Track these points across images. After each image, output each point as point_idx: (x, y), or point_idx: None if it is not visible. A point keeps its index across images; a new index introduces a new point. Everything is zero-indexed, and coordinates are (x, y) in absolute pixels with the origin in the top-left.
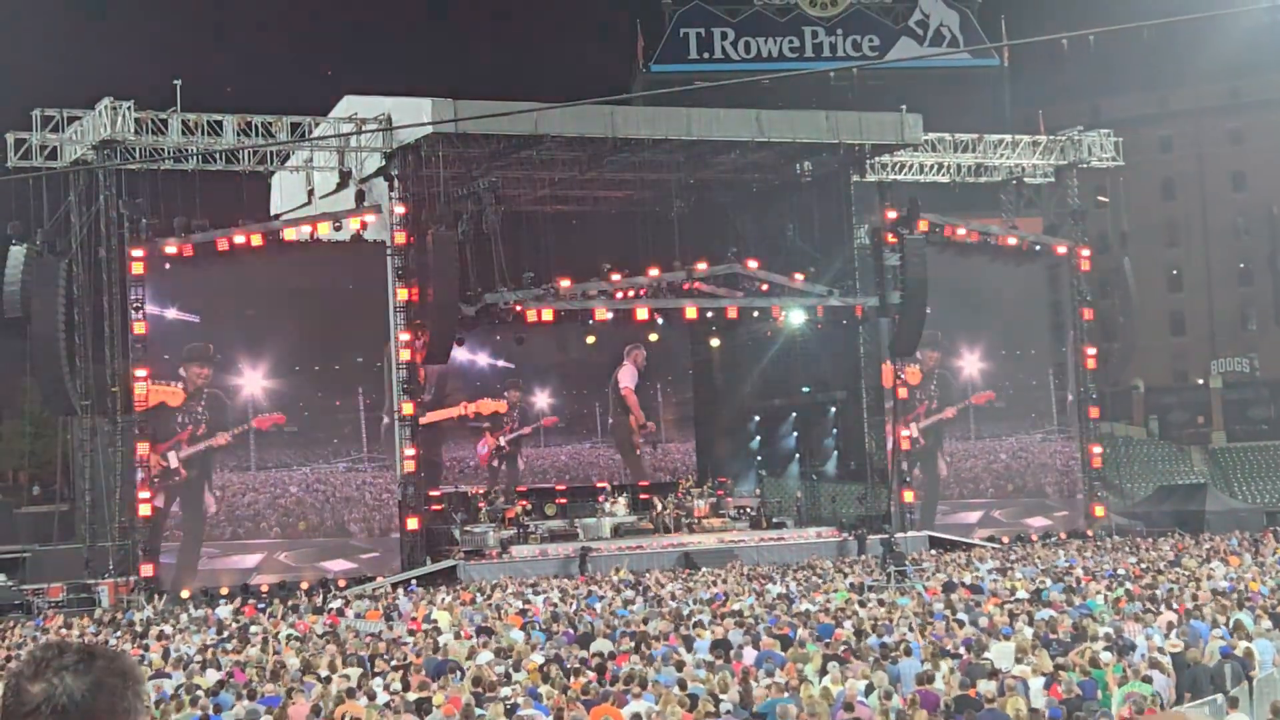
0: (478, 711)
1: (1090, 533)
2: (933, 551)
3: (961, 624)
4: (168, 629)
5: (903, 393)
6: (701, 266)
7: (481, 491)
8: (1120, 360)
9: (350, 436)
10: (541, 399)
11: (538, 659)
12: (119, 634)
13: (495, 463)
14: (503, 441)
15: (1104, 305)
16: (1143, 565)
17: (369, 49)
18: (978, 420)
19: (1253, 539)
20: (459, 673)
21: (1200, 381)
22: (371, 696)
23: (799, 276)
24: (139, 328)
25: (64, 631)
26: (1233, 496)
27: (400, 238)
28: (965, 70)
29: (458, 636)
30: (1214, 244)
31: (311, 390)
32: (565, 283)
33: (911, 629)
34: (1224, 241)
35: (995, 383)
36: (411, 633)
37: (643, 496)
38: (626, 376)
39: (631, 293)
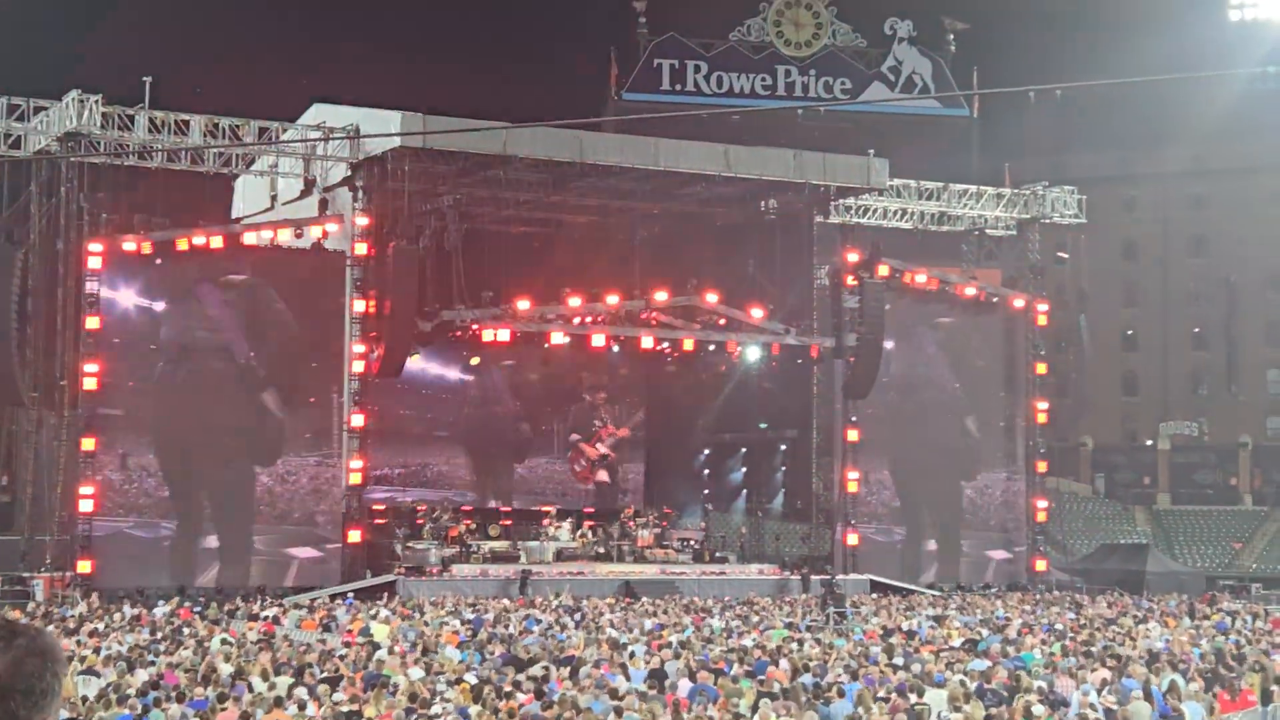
0: None
1: (1030, 586)
2: (873, 595)
3: (896, 669)
4: (100, 626)
5: (853, 435)
6: (661, 296)
7: (424, 508)
8: (1071, 416)
9: (323, 433)
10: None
11: (471, 679)
12: (51, 629)
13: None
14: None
15: (1058, 360)
16: (1081, 621)
17: (342, 60)
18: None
19: (1191, 602)
20: (392, 687)
21: (1149, 442)
22: (301, 706)
23: (757, 313)
24: (92, 322)
25: None
26: (1174, 559)
27: (361, 249)
28: (934, 119)
29: (393, 651)
30: (1171, 307)
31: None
32: (524, 304)
33: (846, 671)
34: (1181, 305)
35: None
36: (347, 645)
37: (588, 523)
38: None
39: (590, 318)
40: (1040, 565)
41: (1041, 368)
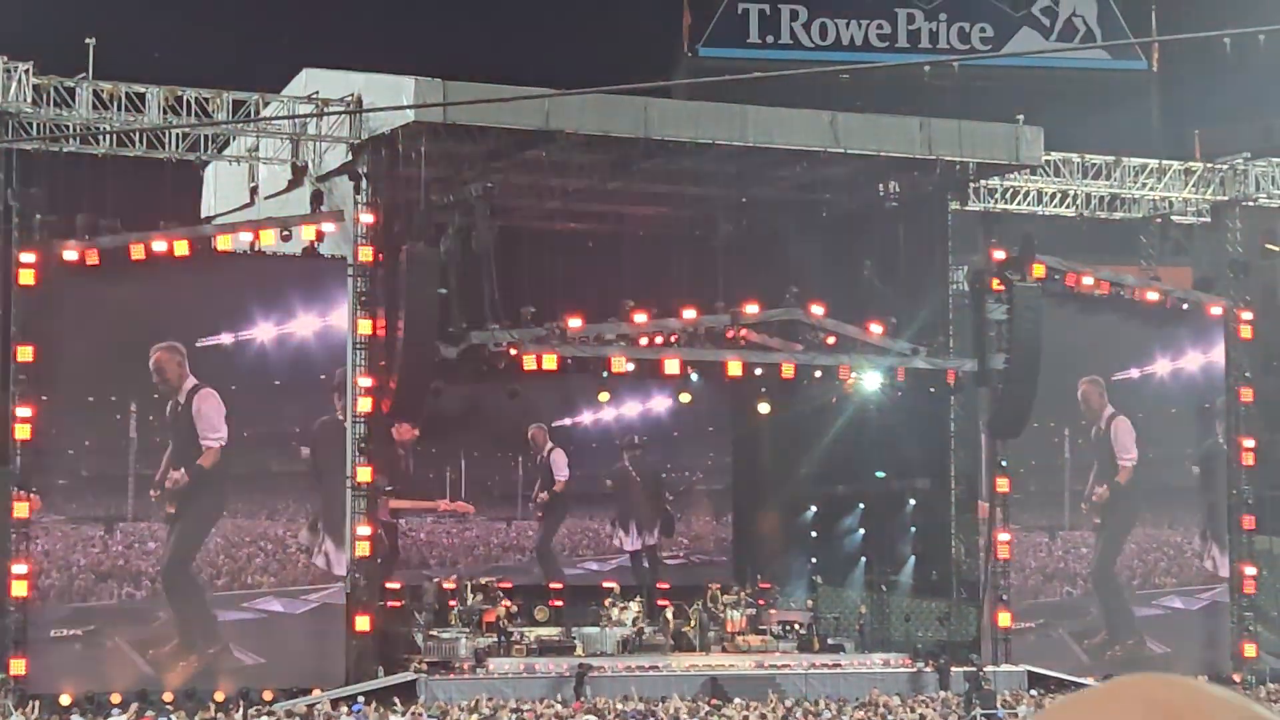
0: None
1: (1238, 677)
2: (1032, 692)
3: None
4: None
5: (1003, 484)
6: (751, 310)
7: (453, 586)
8: None
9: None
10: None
11: None
12: None
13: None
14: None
15: (1269, 384)
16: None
17: (339, 13)
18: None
19: None
20: None
21: None
22: None
23: (876, 329)
24: (24, 353)
25: None
26: None
27: (366, 254)
28: (1102, 74)
29: None
30: None
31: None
32: (575, 322)
33: None
34: None
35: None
36: None
37: (660, 602)
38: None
39: (660, 339)
40: (1249, 650)
41: (1248, 393)
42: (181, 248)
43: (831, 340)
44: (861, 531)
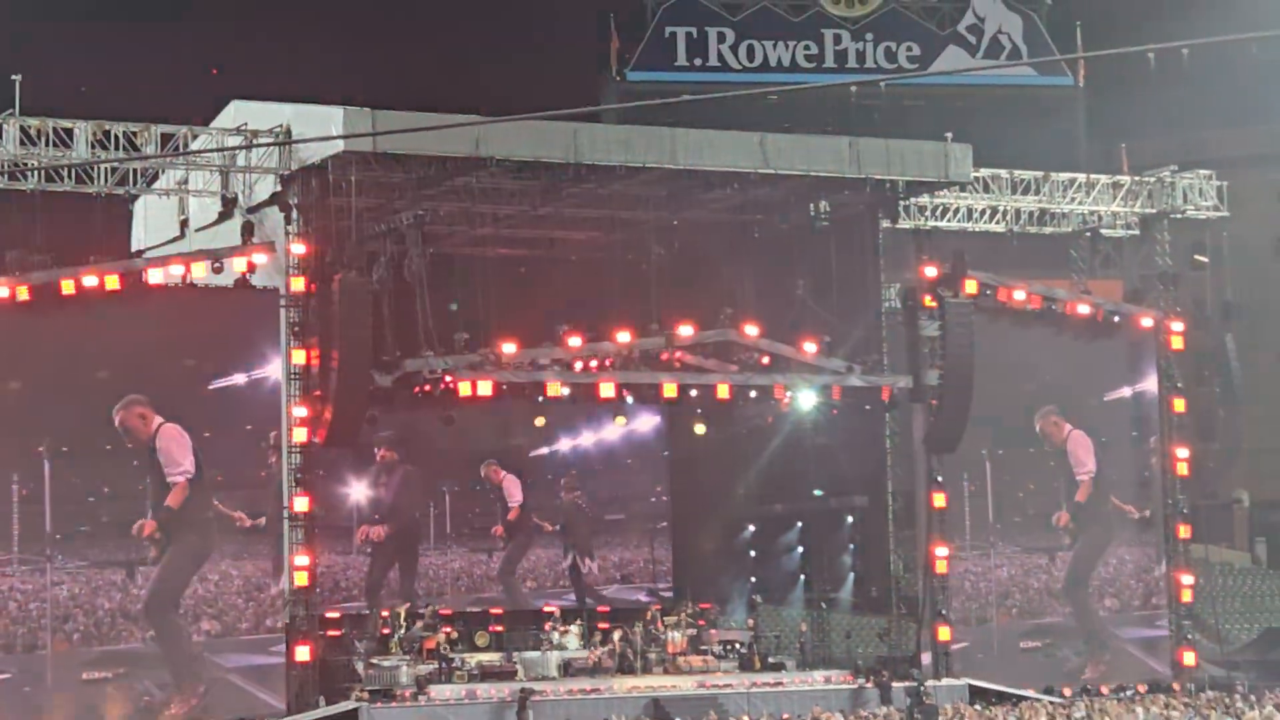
0: None
1: (1178, 685)
2: (975, 705)
3: None
4: None
5: (939, 500)
6: (685, 332)
7: (389, 614)
8: (1220, 466)
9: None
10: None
11: None
12: None
13: None
14: None
15: (1200, 394)
16: None
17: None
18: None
19: None
20: None
21: None
22: None
23: (810, 348)
24: None
25: None
26: None
27: (298, 284)
28: (1029, 90)
29: None
30: None
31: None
32: (510, 348)
33: None
34: None
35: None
36: None
37: (601, 625)
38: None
39: (594, 363)
40: (1188, 658)
41: (1180, 404)
42: (112, 282)
43: (766, 360)
44: (800, 550)
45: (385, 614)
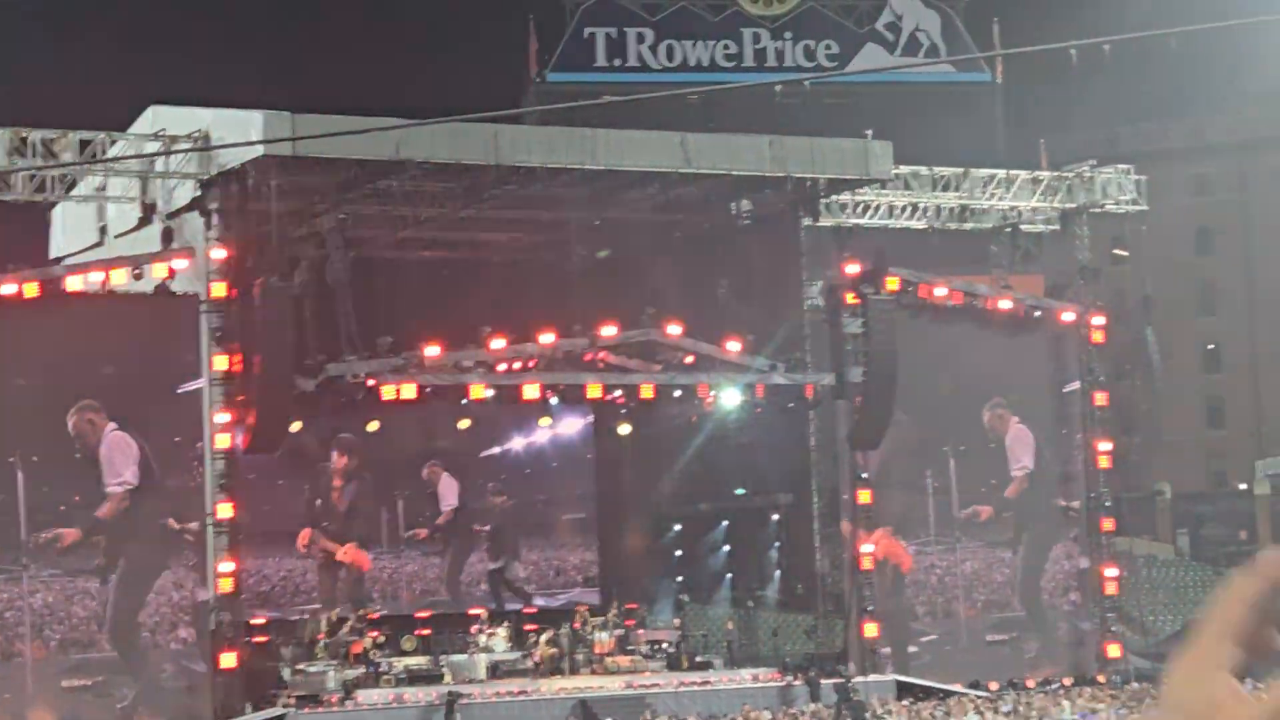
0: None
1: (1102, 678)
2: (903, 701)
3: None
4: None
5: (865, 497)
6: (608, 332)
7: (319, 618)
8: (1142, 458)
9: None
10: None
11: None
12: None
13: None
14: None
15: (1121, 388)
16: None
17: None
18: (966, 530)
19: None
20: None
21: (1243, 486)
22: None
23: (734, 346)
24: None
25: None
26: None
27: (219, 290)
28: (947, 87)
29: None
30: (1261, 311)
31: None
32: (433, 350)
33: None
34: (1274, 309)
35: (983, 481)
36: None
37: (529, 627)
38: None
39: (518, 364)
40: (1113, 650)
41: (1101, 398)
42: (31, 290)
43: (690, 359)
44: (726, 548)
45: (312, 619)
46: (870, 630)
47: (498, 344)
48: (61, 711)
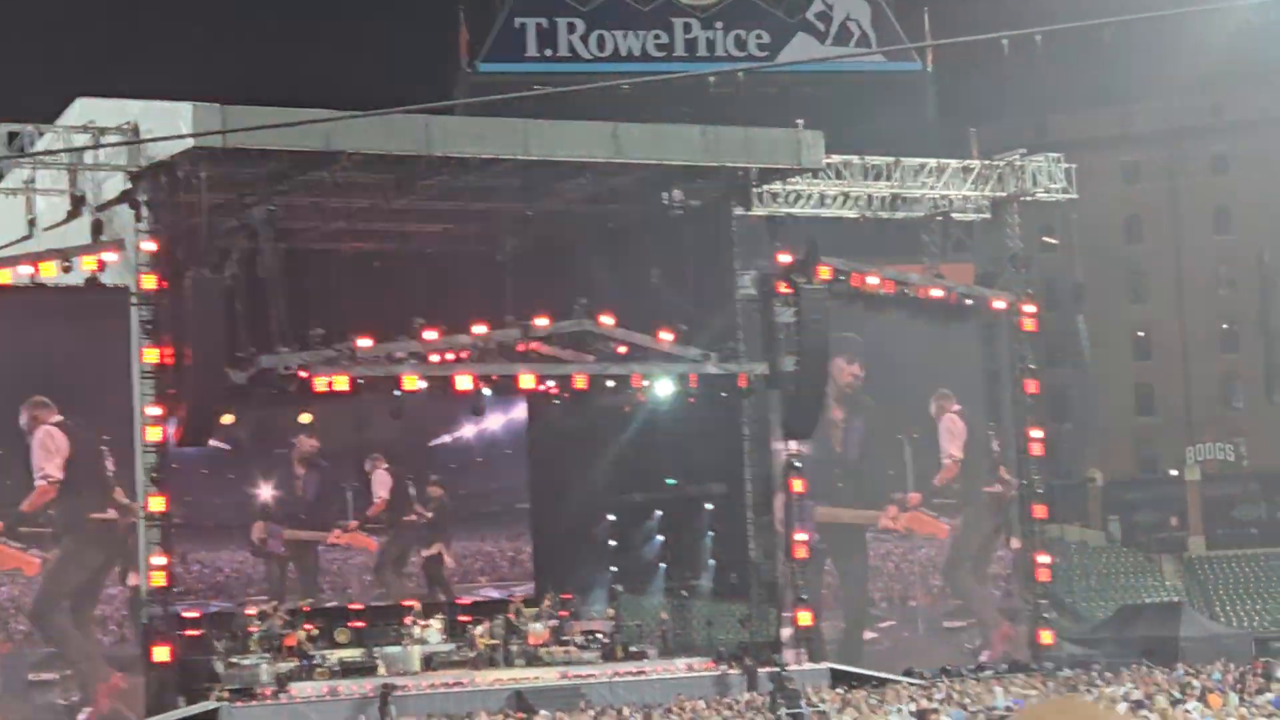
0: None
1: (1035, 665)
2: (836, 689)
3: None
4: None
5: (799, 486)
6: (541, 322)
7: (253, 612)
8: (1073, 445)
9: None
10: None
11: None
12: None
13: None
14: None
15: (1053, 376)
16: (1103, 706)
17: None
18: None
19: (1239, 672)
20: None
21: (1174, 473)
22: None
23: (667, 336)
24: None
25: None
26: (1214, 619)
27: (149, 282)
28: (878, 77)
29: None
30: (1191, 299)
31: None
32: (365, 342)
33: None
34: (1203, 296)
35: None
36: None
37: (462, 618)
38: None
39: (451, 355)
40: (1046, 637)
41: (1033, 385)
42: None
43: (623, 350)
44: (660, 538)
45: (250, 613)
46: (805, 619)
47: (430, 335)
48: (33, 702)
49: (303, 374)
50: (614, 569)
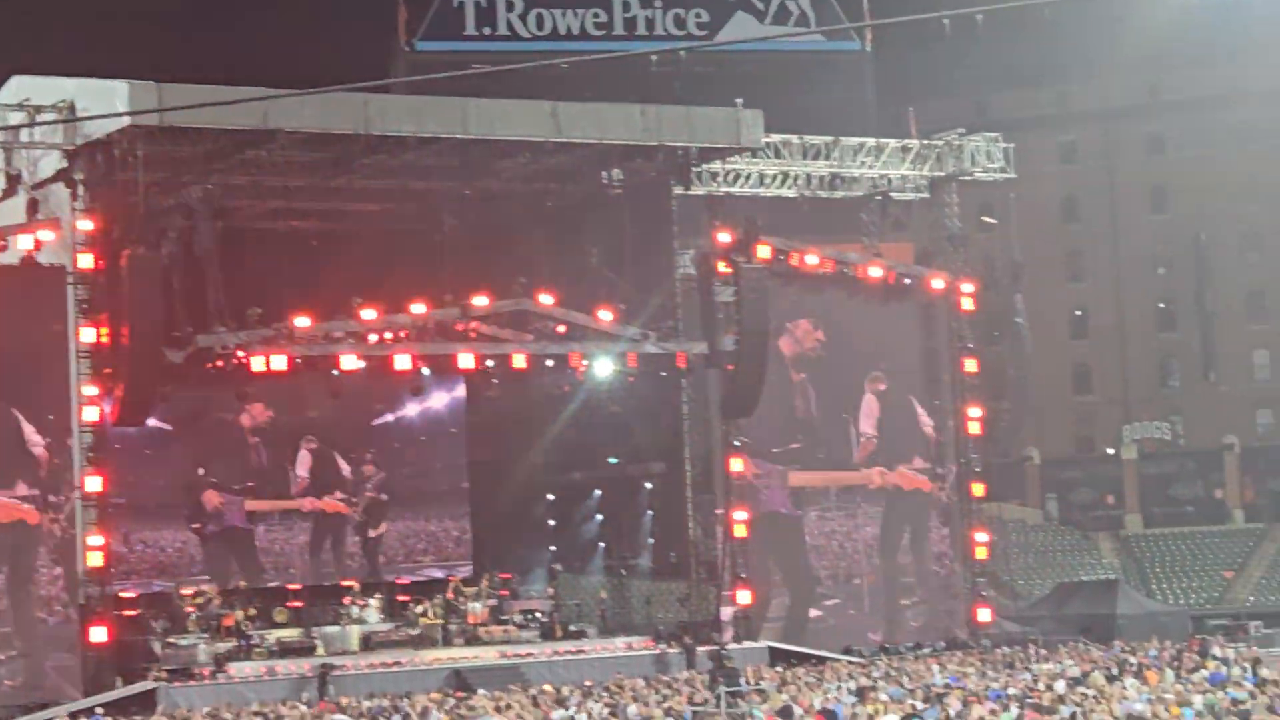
0: None
1: (973, 642)
2: (775, 667)
3: None
4: None
5: (737, 465)
6: (480, 302)
7: (190, 592)
8: (1011, 425)
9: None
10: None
11: None
12: None
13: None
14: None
15: (991, 354)
16: (1039, 684)
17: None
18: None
19: (1176, 650)
20: None
21: (1110, 452)
22: None
23: (606, 315)
24: None
25: None
26: (1150, 596)
27: (86, 261)
28: (817, 56)
29: None
30: (1128, 279)
31: None
32: (303, 321)
33: None
34: (1139, 276)
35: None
36: None
37: (401, 598)
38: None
39: (389, 335)
40: (983, 615)
41: (971, 364)
42: None
43: (562, 329)
44: (599, 517)
45: (187, 593)
46: (744, 597)
47: (369, 314)
48: None
49: (240, 353)
50: (553, 548)
